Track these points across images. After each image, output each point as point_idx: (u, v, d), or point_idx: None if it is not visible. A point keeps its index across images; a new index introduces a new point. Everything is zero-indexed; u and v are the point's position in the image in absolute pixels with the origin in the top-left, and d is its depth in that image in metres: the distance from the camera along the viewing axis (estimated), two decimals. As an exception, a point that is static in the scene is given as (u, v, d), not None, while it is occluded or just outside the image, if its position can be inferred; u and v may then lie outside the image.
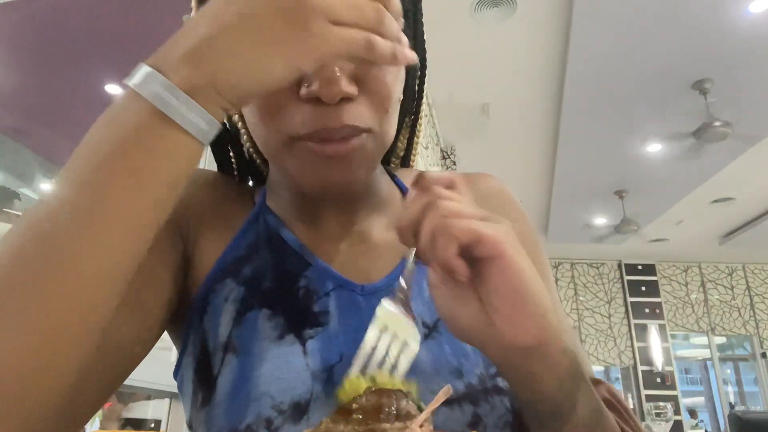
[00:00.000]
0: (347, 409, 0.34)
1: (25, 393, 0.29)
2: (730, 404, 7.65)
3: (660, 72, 3.52)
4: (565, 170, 4.93)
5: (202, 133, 0.33)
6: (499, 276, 0.35)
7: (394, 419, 0.34)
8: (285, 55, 0.32)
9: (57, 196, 0.32)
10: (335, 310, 0.47)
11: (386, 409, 0.34)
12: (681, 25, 3.08)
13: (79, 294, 0.30)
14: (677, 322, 7.32)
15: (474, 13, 3.04)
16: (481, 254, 0.35)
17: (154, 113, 0.31)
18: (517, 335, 0.35)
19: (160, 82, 0.32)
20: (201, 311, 0.48)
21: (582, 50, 3.31)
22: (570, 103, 3.86)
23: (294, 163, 0.44)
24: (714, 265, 7.60)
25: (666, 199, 5.50)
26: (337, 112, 0.41)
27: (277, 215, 0.52)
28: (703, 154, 4.30)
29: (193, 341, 0.47)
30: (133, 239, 0.32)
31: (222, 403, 0.43)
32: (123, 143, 0.32)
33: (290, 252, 0.50)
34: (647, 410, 2.30)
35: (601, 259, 7.64)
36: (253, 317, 0.46)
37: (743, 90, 3.68)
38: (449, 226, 0.35)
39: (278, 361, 0.43)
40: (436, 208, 0.36)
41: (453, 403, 0.44)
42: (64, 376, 0.31)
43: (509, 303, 0.35)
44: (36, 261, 0.30)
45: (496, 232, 0.35)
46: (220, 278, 0.48)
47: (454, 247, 0.35)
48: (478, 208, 0.38)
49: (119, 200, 0.31)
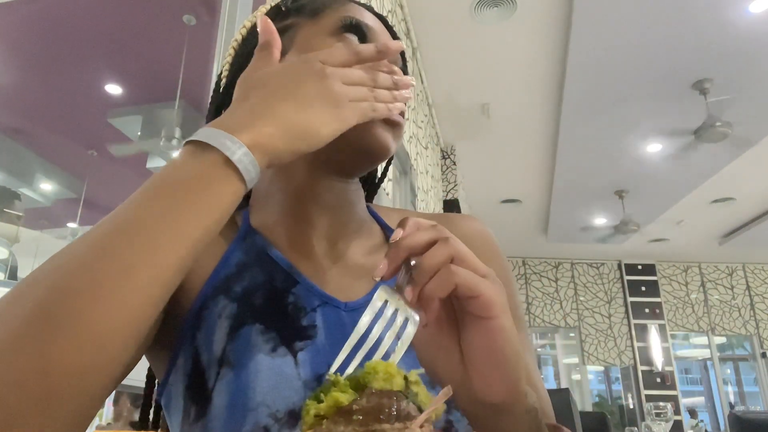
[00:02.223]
0: (348, 410, 0.34)
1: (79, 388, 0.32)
2: (730, 404, 7.65)
3: (660, 72, 3.52)
4: (565, 170, 4.93)
5: (251, 182, 0.40)
6: (484, 337, 0.38)
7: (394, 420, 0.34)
8: (326, 124, 0.43)
9: (123, 216, 0.37)
10: (322, 324, 0.51)
11: (386, 409, 0.34)
12: (681, 25, 3.08)
13: (133, 300, 0.34)
14: (677, 322, 7.33)
15: (474, 13, 3.04)
16: (473, 311, 0.38)
17: (219, 161, 0.38)
18: (488, 393, 0.38)
19: (229, 138, 0.39)
20: (194, 328, 0.50)
21: (582, 50, 3.31)
22: (570, 103, 3.86)
23: (367, 130, 0.52)
24: (714, 265, 7.61)
25: (666, 199, 5.51)
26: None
27: (264, 235, 0.57)
28: (703, 154, 4.30)
29: (184, 357, 0.49)
30: (183, 256, 0.37)
31: (220, 415, 0.45)
32: (189, 183, 0.38)
33: (279, 270, 0.54)
34: (647, 410, 2.30)
35: (601, 259, 7.64)
36: (246, 332, 0.48)
37: (743, 90, 3.68)
38: (453, 272, 0.37)
39: (273, 372, 0.46)
40: (448, 245, 0.38)
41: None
42: (107, 377, 0.34)
43: (487, 364, 0.38)
44: (98, 268, 0.34)
45: (494, 295, 0.37)
46: (213, 296, 0.51)
47: (447, 292, 0.37)
48: (480, 261, 0.39)
49: (181, 224, 0.37)
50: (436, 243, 0.38)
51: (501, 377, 0.38)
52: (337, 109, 0.43)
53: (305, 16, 0.59)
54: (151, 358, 0.55)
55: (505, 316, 0.38)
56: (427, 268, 0.37)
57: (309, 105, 0.42)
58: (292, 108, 0.42)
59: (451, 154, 4.67)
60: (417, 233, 0.39)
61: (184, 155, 0.39)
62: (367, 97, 0.47)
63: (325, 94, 0.43)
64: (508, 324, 0.38)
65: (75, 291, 0.32)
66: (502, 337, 0.37)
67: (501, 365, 0.38)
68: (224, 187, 0.38)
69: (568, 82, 3.63)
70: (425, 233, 0.39)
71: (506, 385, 0.38)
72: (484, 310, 0.37)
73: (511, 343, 0.38)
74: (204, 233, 0.38)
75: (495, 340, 0.37)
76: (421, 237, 0.39)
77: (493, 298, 0.37)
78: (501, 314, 0.37)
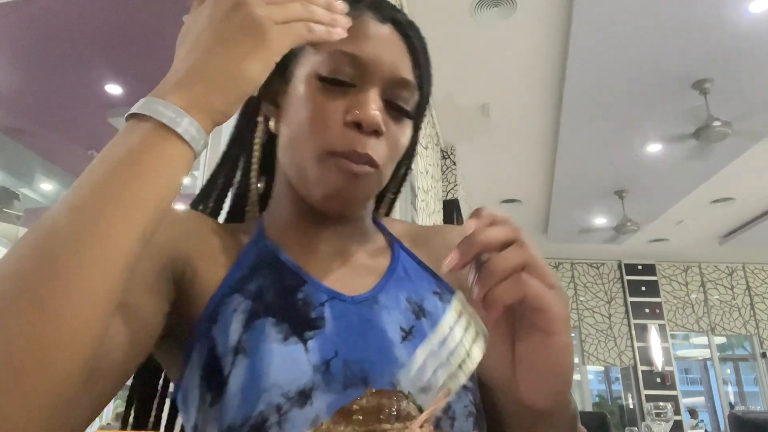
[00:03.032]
0: (348, 410, 0.34)
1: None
2: (730, 404, 7.65)
3: (660, 72, 3.52)
4: (565, 170, 4.93)
5: (195, 141, 0.39)
6: (542, 351, 0.37)
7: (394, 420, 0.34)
8: (254, 61, 0.40)
9: (65, 201, 0.35)
10: (330, 316, 0.53)
11: (386, 410, 0.34)
12: (681, 25, 3.08)
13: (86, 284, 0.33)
14: (677, 322, 7.32)
15: (474, 13, 3.04)
16: (536, 323, 0.37)
17: (155, 127, 0.37)
18: (535, 400, 0.38)
19: (160, 103, 0.38)
20: (210, 322, 0.52)
21: (582, 50, 3.31)
22: (570, 102, 3.86)
23: (321, 173, 0.53)
24: (714, 265, 7.60)
25: (666, 199, 5.50)
26: (367, 142, 0.52)
27: (274, 241, 0.59)
28: (703, 154, 4.30)
29: (199, 351, 0.51)
30: (134, 235, 0.36)
31: (235, 397, 0.47)
32: (130, 155, 0.36)
33: (288, 271, 0.56)
34: (647, 410, 2.30)
35: (601, 259, 7.64)
36: (260, 324, 0.51)
37: (743, 90, 3.68)
38: (525, 281, 0.36)
39: (285, 358, 0.49)
40: (523, 250, 0.37)
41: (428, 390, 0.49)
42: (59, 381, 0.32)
43: (540, 375, 0.38)
44: (36, 272, 0.32)
45: (560, 311, 0.36)
46: (228, 294, 0.53)
47: (514, 300, 0.36)
48: (552, 271, 0.38)
49: (127, 198, 0.35)
50: (511, 244, 0.37)
51: (551, 389, 0.38)
52: (263, 37, 0.40)
53: (309, 46, 0.56)
54: (165, 361, 0.57)
55: (567, 332, 0.37)
56: (499, 272, 0.36)
57: (231, 42, 0.40)
58: (215, 51, 0.40)
59: (451, 154, 4.66)
60: (493, 229, 0.38)
61: (123, 131, 0.38)
62: (299, 14, 0.43)
63: (245, 23, 0.40)
64: (569, 340, 0.37)
65: (12, 296, 0.31)
66: (561, 353, 0.37)
67: (553, 379, 0.37)
68: (168, 157, 0.37)
69: (568, 82, 3.63)
70: (501, 230, 0.37)
71: (554, 396, 0.38)
72: (548, 325, 0.36)
73: (569, 359, 0.37)
74: (155, 209, 0.37)
75: (553, 356, 0.37)
76: (497, 234, 0.37)
77: (559, 314, 0.36)
78: (563, 330, 0.37)
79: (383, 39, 0.55)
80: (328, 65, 0.53)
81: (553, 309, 0.36)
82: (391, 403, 0.34)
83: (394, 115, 0.56)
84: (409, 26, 0.58)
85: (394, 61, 0.55)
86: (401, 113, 0.56)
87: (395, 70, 0.55)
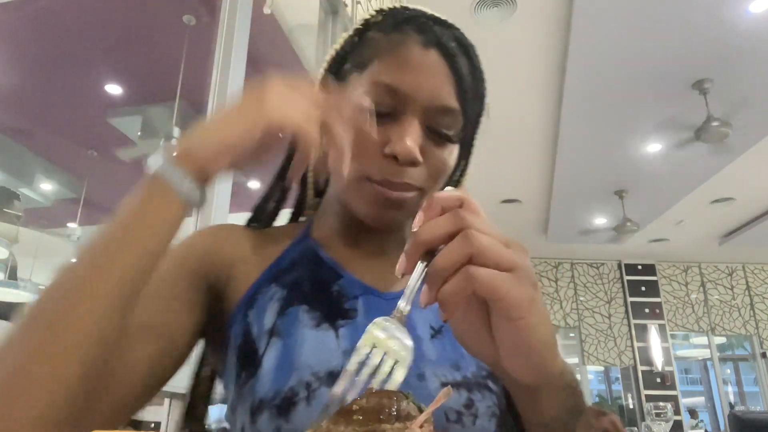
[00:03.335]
0: (348, 410, 0.34)
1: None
2: (730, 404, 7.65)
3: (660, 72, 3.52)
4: (565, 170, 4.93)
5: (186, 196, 0.43)
6: (512, 332, 0.36)
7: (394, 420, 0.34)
8: (241, 126, 0.45)
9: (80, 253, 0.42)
10: (362, 307, 0.56)
11: (386, 410, 0.34)
12: (681, 25, 3.08)
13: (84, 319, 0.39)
14: (677, 322, 7.32)
15: (474, 13, 3.04)
16: (497, 312, 0.36)
17: (153, 180, 0.43)
18: (520, 376, 0.38)
19: (165, 161, 0.44)
20: (246, 309, 0.57)
21: (582, 50, 3.31)
22: (570, 102, 3.86)
23: (359, 197, 0.57)
24: (714, 265, 7.60)
25: (666, 199, 5.50)
26: (403, 171, 0.54)
27: (317, 240, 0.63)
28: (703, 153, 4.30)
29: (234, 336, 0.56)
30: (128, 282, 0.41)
31: (268, 374, 0.51)
32: (131, 207, 0.43)
33: (326, 267, 0.60)
34: (647, 410, 2.29)
35: (601, 259, 7.64)
36: (294, 311, 0.55)
37: (743, 90, 3.68)
38: (471, 274, 0.34)
39: (316, 341, 0.53)
40: (467, 240, 0.35)
41: (452, 387, 0.50)
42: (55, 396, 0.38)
43: (516, 354, 0.37)
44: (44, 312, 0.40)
45: (519, 295, 0.34)
46: (265, 284, 0.58)
47: (464, 296, 0.34)
48: (504, 237, 0.37)
49: (120, 249, 0.41)
50: (458, 233, 0.35)
51: (530, 365, 0.37)
52: (259, 107, 0.45)
53: (356, 69, 0.59)
54: (212, 356, 0.62)
55: (533, 314, 0.35)
56: (441, 270, 0.35)
57: (236, 111, 0.46)
58: (220, 116, 0.46)
59: (451, 154, 4.66)
60: (434, 224, 0.36)
61: (137, 189, 0.44)
62: (304, 111, 0.46)
63: (253, 98, 0.46)
64: (536, 320, 0.36)
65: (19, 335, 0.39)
66: (530, 333, 0.36)
67: (530, 356, 0.37)
68: (162, 205, 0.43)
69: (568, 82, 3.63)
70: (443, 223, 0.36)
71: (535, 371, 0.38)
72: (509, 312, 0.35)
73: (540, 336, 0.36)
74: (149, 253, 0.42)
75: (524, 337, 0.36)
76: (438, 228, 0.36)
77: (517, 300, 0.34)
78: (527, 314, 0.35)
79: (425, 66, 0.55)
80: (368, 96, 0.54)
81: (508, 296, 0.34)
82: (391, 403, 0.34)
83: (436, 140, 0.57)
84: (457, 48, 0.58)
85: (434, 89, 0.55)
86: (443, 138, 0.57)
87: (435, 99, 0.55)
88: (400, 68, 0.55)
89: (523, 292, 0.35)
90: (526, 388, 0.41)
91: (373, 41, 0.58)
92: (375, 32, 0.59)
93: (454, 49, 0.57)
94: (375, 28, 0.59)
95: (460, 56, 0.58)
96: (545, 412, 0.43)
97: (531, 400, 0.43)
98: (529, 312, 0.35)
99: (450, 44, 0.57)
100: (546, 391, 0.41)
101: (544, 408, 0.43)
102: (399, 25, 0.57)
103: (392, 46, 0.56)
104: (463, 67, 0.57)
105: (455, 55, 0.57)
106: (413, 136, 0.54)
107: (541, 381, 0.39)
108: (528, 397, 0.43)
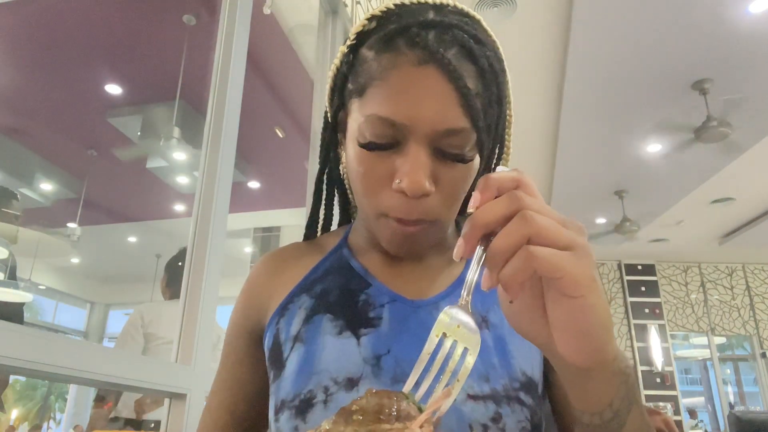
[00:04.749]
0: (348, 411, 0.34)
1: None
2: (729, 404, 7.64)
3: (660, 72, 3.52)
4: (565, 170, 4.93)
5: None
6: (571, 312, 0.35)
7: (394, 420, 0.34)
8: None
9: None
10: (388, 316, 0.57)
11: (386, 410, 0.34)
12: (681, 25, 3.08)
13: None
14: (677, 322, 7.32)
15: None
16: (557, 290, 0.35)
17: None
18: (573, 359, 0.37)
19: None
20: (278, 317, 0.61)
21: (582, 50, 3.31)
22: (570, 103, 3.86)
23: (380, 230, 0.57)
24: (714, 265, 7.60)
25: (666, 199, 5.50)
26: (415, 206, 0.52)
27: (352, 248, 0.65)
28: (704, 154, 4.30)
29: (268, 338, 0.61)
30: None
31: (290, 376, 0.55)
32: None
33: (355, 276, 0.62)
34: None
35: (601, 260, 7.64)
36: (318, 319, 0.58)
37: (743, 90, 3.68)
38: (531, 254, 0.33)
39: (337, 348, 0.55)
40: (525, 222, 0.34)
41: (479, 399, 0.52)
42: None
43: (574, 335, 0.36)
44: None
45: (579, 273, 0.34)
46: (298, 294, 0.61)
47: (525, 277, 0.34)
48: (561, 217, 0.36)
49: None
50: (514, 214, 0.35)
51: (585, 347, 0.36)
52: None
53: (356, 94, 0.54)
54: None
55: (592, 293, 0.35)
56: (500, 252, 0.34)
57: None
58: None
59: (451, 154, 4.67)
60: (491, 206, 0.36)
61: None
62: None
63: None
64: (594, 299, 0.35)
65: None
66: (588, 313, 0.35)
67: (585, 337, 0.36)
68: None
69: (568, 82, 3.63)
70: (500, 206, 0.35)
71: (590, 354, 0.37)
72: (569, 290, 0.34)
73: (598, 317, 0.35)
74: None
75: (582, 318, 0.35)
76: (495, 211, 0.35)
77: (577, 277, 0.34)
78: (587, 292, 0.34)
79: (423, 89, 0.49)
80: (366, 131, 0.51)
81: (571, 273, 0.34)
82: (391, 403, 0.34)
83: (448, 162, 0.52)
84: (460, 54, 0.50)
85: (436, 113, 0.49)
86: (455, 159, 0.52)
87: (438, 124, 0.49)
88: (395, 97, 0.49)
89: (583, 270, 0.34)
90: (578, 372, 0.39)
91: (365, 63, 0.53)
92: (367, 50, 0.53)
93: (455, 58, 0.50)
94: (367, 45, 0.54)
95: (464, 63, 0.50)
96: (597, 399, 0.40)
97: (582, 386, 0.40)
98: (590, 290, 0.35)
99: (449, 53, 0.50)
100: (599, 377, 0.39)
101: (596, 395, 0.40)
102: (390, 40, 0.51)
103: (384, 70, 0.50)
104: (469, 76, 0.50)
105: (456, 67, 0.49)
106: (419, 167, 0.50)
107: (594, 364, 0.37)
108: (579, 383, 0.40)
